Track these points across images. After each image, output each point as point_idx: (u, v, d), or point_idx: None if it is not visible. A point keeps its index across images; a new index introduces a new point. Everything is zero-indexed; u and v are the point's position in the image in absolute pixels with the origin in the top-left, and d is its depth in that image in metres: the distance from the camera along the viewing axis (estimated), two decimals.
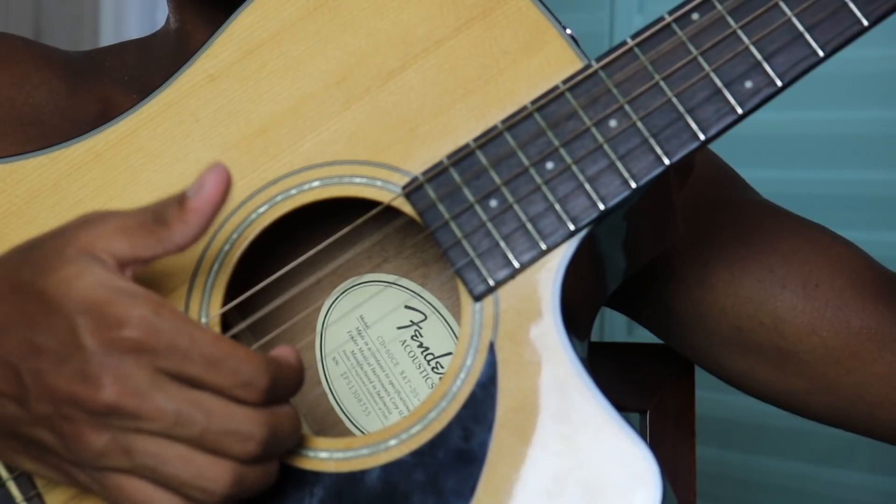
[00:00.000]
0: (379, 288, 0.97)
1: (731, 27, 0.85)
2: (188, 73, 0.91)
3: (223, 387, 0.78)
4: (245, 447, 0.79)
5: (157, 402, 0.78)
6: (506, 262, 0.85)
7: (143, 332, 0.78)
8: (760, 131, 1.76)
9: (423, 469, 0.83)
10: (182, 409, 0.78)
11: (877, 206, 1.77)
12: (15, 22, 2.29)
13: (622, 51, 0.86)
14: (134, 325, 0.78)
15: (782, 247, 1.06)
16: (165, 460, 0.78)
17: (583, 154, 0.85)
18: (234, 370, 0.78)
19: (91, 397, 0.78)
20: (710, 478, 1.64)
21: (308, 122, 0.89)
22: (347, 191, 0.88)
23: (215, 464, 0.78)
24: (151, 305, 0.79)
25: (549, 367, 0.84)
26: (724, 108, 0.84)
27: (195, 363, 0.78)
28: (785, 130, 1.83)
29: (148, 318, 0.78)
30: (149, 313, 0.78)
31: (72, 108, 1.09)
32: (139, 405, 0.77)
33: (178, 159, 0.90)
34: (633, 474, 0.82)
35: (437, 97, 0.88)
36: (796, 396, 1.06)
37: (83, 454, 0.79)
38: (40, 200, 0.90)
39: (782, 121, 1.78)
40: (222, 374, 0.78)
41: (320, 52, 0.90)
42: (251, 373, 0.79)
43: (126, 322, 0.78)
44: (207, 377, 0.78)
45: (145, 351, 0.78)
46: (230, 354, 0.79)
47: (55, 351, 0.78)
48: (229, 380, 0.78)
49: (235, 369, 0.78)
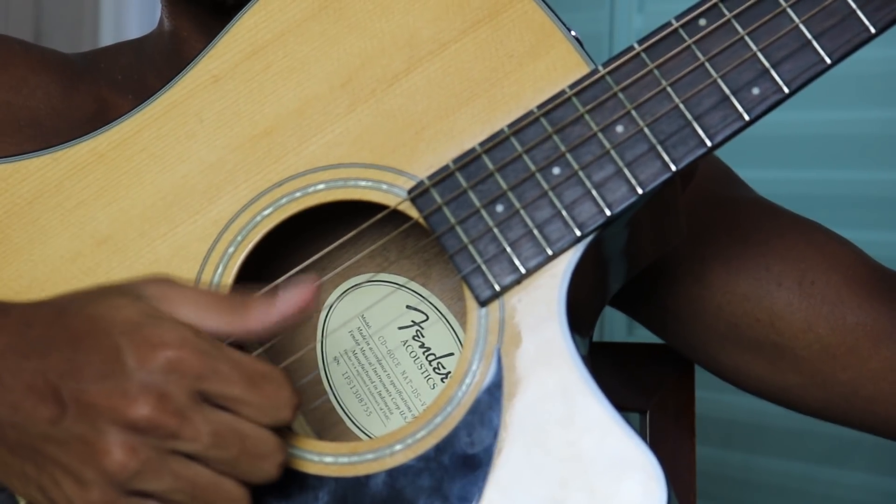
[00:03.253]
0: (381, 289, 0.97)
1: (739, 33, 0.84)
2: (192, 73, 0.90)
3: (264, 406, 0.79)
4: (271, 471, 0.80)
5: (195, 422, 0.78)
6: (512, 268, 0.85)
7: (185, 352, 0.78)
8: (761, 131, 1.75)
9: (428, 474, 0.83)
10: (219, 432, 0.78)
11: (877, 206, 1.77)
12: (15, 23, 2.28)
13: (629, 56, 0.85)
14: (175, 344, 0.78)
15: (778, 244, 1.06)
16: (197, 485, 0.79)
17: (590, 160, 0.85)
18: (276, 391, 0.80)
19: (130, 412, 0.78)
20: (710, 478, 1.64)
21: (313, 124, 0.89)
22: (352, 194, 0.88)
23: (238, 488, 0.80)
24: (191, 329, 0.79)
25: (554, 372, 0.84)
26: (732, 115, 0.84)
27: (236, 384, 0.79)
28: (785, 130, 1.83)
29: (189, 338, 0.79)
30: (189, 333, 0.79)
31: (68, 110, 1.09)
32: (179, 424, 0.78)
33: (182, 160, 0.89)
34: (638, 480, 0.82)
35: (442, 100, 0.88)
36: (792, 392, 1.07)
37: (116, 475, 0.78)
38: (43, 201, 0.90)
39: (783, 121, 1.78)
40: (263, 394, 0.79)
41: (325, 54, 0.89)
42: (290, 392, 0.80)
43: (167, 342, 0.78)
44: (248, 397, 0.79)
45: (187, 371, 0.78)
46: (269, 376, 0.80)
47: (97, 369, 0.79)
48: (271, 400, 0.79)
49: (277, 390, 0.80)
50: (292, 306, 0.82)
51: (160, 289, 0.81)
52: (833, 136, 1.82)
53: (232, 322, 0.81)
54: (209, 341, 0.79)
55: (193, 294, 0.82)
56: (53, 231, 0.90)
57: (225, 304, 0.82)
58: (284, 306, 0.82)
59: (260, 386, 0.79)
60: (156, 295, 0.81)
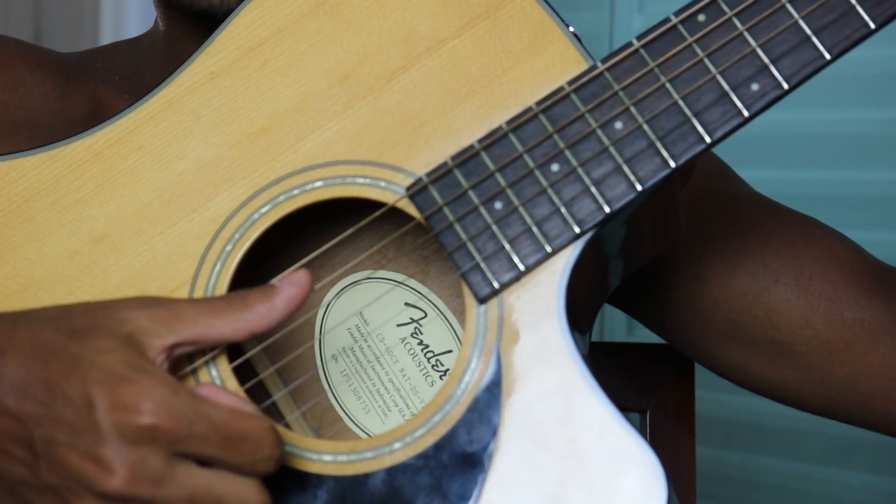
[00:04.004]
0: (379, 286, 0.96)
1: (738, 29, 0.84)
2: (189, 70, 0.90)
3: (244, 464, 0.79)
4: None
5: (169, 489, 0.77)
6: (511, 265, 0.84)
7: (161, 418, 0.77)
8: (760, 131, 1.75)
9: (427, 472, 0.83)
10: (195, 495, 0.78)
11: (877, 206, 1.77)
12: (15, 23, 2.28)
13: (628, 52, 0.85)
14: (151, 411, 0.77)
15: (776, 240, 1.06)
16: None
17: (588, 156, 0.85)
18: (254, 448, 0.79)
19: (103, 483, 0.77)
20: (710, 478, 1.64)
21: (310, 122, 0.88)
22: (350, 191, 0.87)
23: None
24: (169, 387, 0.78)
25: (553, 369, 0.83)
26: (731, 111, 0.84)
27: (213, 444, 0.78)
28: (785, 130, 1.83)
29: (165, 400, 0.77)
30: (167, 395, 0.78)
31: (64, 110, 1.09)
32: (152, 493, 0.77)
33: (179, 158, 0.89)
34: (638, 478, 0.81)
35: (440, 97, 0.87)
36: (790, 388, 1.07)
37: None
38: (39, 199, 0.90)
39: (783, 121, 1.78)
40: (241, 454, 0.79)
41: (322, 51, 0.89)
42: (270, 447, 0.79)
43: (143, 407, 0.77)
44: (226, 456, 0.78)
45: (162, 437, 0.77)
46: (248, 432, 0.79)
47: (70, 422, 0.78)
48: (249, 458, 0.79)
49: (255, 448, 0.79)
50: (292, 301, 0.82)
51: (155, 314, 0.80)
52: (833, 136, 1.82)
53: (235, 329, 0.81)
54: (187, 400, 0.78)
55: (189, 309, 0.81)
56: (50, 229, 0.89)
57: (225, 311, 0.81)
58: (283, 303, 0.81)
59: (237, 446, 0.78)
60: (148, 325, 0.80)
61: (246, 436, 0.79)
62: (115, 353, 0.78)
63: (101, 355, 0.78)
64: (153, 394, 0.77)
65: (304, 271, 0.82)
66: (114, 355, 0.78)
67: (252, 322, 0.81)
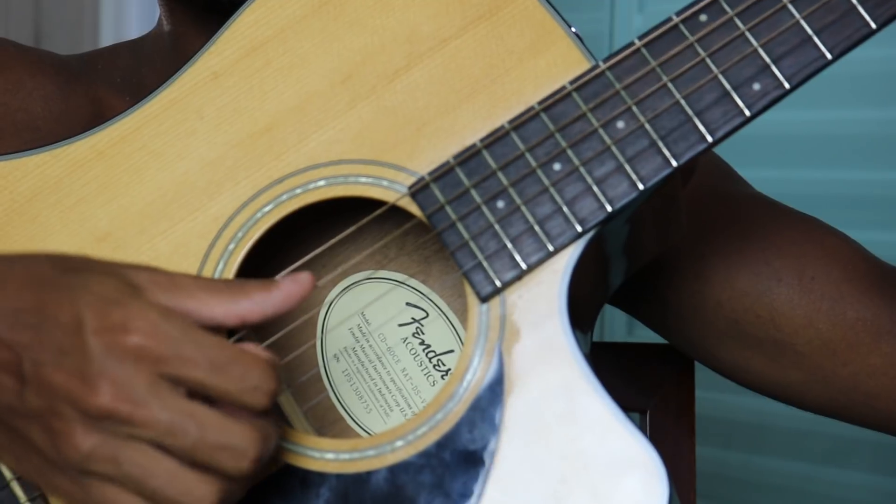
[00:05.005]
0: (380, 285, 0.96)
1: (740, 29, 0.84)
2: (191, 70, 0.90)
3: (229, 391, 0.77)
4: (238, 464, 0.77)
5: (151, 409, 0.76)
6: (513, 264, 0.85)
7: (148, 338, 0.77)
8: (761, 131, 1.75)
9: (429, 470, 0.83)
10: (176, 419, 0.76)
11: (877, 206, 1.78)
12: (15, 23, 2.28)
13: (630, 51, 0.85)
14: (139, 329, 0.77)
15: (778, 240, 1.06)
16: (152, 473, 0.77)
17: (590, 156, 0.85)
18: (242, 375, 0.77)
19: (86, 399, 0.76)
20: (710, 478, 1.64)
21: (313, 121, 0.89)
22: (353, 190, 0.88)
23: (203, 482, 0.77)
24: (159, 310, 0.78)
25: (555, 368, 0.83)
26: (733, 111, 0.84)
27: (200, 368, 0.77)
28: (785, 130, 1.83)
29: (155, 322, 0.77)
30: (156, 317, 0.77)
31: (65, 113, 1.09)
32: (132, 411, 0.76)
33: (182, 157, 0.89)
34: (640, 477, 0.81)
35: (443, 96, 0.88)
36: (793, 388, 1.07)
37: (70, 455, 0.77)
38: (42, 198, 0.90)
39: (783, 121, 1.78)
40: (229, 379, 0.77)
41: (325, 50, 0.89)
42: (259, 377, 0.78)
43: (131, 326, 0.77)
44: (212, 381, 0.77)
45: (148, 357, 0.77)
46: (237, 359, 0.78)
47: (58, 343, 0.77)
48: (237, 384, 0.77)
49: (243, 374, 0.77)
50: (290, 297, 0.81)
51: (154, 276, 0.80)
52: (833, 136, 1.82)
53: (227, 311, 0.80)
54: (177, 325, 0.77)
55: (188, 281, 0.80)
56: (53, 228, 0.89)
57: (222, 292, 0.80)
58: (280, 297, 0.81)
59: (225, 370, 0.77)
60: (148, 282, 0.79)
61: (235, 360, 0.77)
62: (110, 284, 0.78)
63: (95, 284, 0.78)
64: (142, 314, 0.77)
65: (308, 272, 0.82)
66: (108, 285, 0.78)
67: (245, 308, 0.80)
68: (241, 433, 0.77)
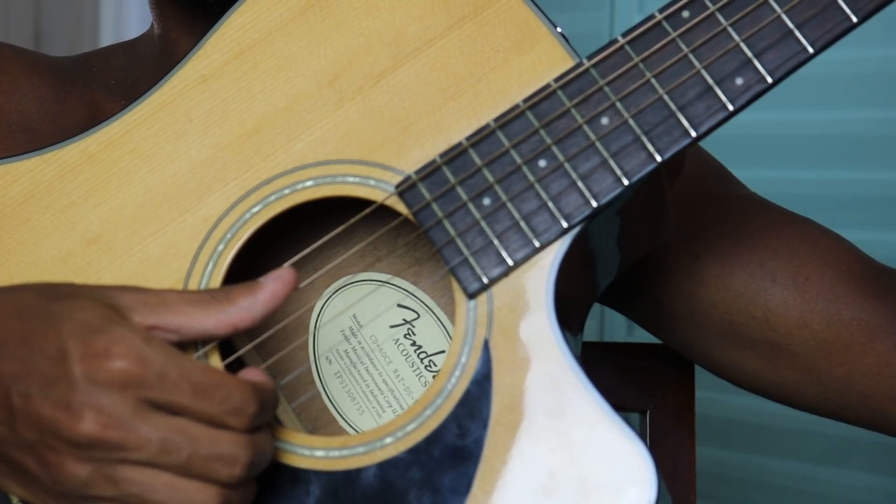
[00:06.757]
0: (372, 287, 0.97)
1: (722, 24, 0.85)
2: (180, 73, 0.91)
3: (212, 415, 0.78)
4: (231, 471, 0.79)
5: (141, 431, 0.77)
6: (499, 260, 0.85)
7: (132, 363, 0.77)
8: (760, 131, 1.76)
9: (419, 466, 0.83)
10: (167, 437, 0.77)
11: (877, 206, 1.77)
12: (15, 23, 2.28)
13: (613, 49, 0.86)
14: (122, 355, 0.77)
15: (772, 241, 1.06)
16: (153, 488, 0.78)
17: (575, 152, 0.85)
18: (224, 398, 0.78)
19: (72, 429, 0.77)
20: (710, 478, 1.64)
21: (301, 122, 0.89)
22: (341, 190, 0.88)
23: (202, 489, 0.78)
24: (141, 336, 0.79)
25: (543, 363, 0.84)
26: (716, 105, 0.84)
27: (184, 392, 0.78)
28: (784, 130, 1.83)
29: (138, 347, 0.78)
30: (138, 342, 0.78)
31: (61, 115, 1.09)
32: (123, 436, 0.77)
33: (172, 159, 0.90)
34: (628, 470, 0.82)
35: (428, 96, 0.88)
36: (788, 388, 1.07)
37: (67, 484, 0.78)
38: (33, 202, 0.90)
39: (781, 121, 1.78)
40: (211, 403, 0.78)
41: (312, 52, 0.90)
42: (240, 399, 0.79)
43: (114, 352, 0.77)
44: (196, 405, 0.78)
45: (132, 383, 0.77)
46: (219, 383, 0.79)
47: (44, 374, 0.78)
48: (219, 408, 0.78)
49: (225, 398, 0.78)
50: (275, 297, 0.82)
51: (141, 296, 0.81)
52: (833, 136, 1.82)
53: (219, 322, 0.81)
54: (160, 349, 0.78)
55: (175, 297, 0.81)
56: (44, 232, 0.90)
57: (208, 304, 0.81)
58: (266, 298, 0.82)
59: (208, 394, 0.78)
60: (135, 303, 0.80)
61: (218, 384, 0.78)
62: (93, 310, 0.79)
63: (79, 311, 0.79)
64: (125, 341, 0.78)
65: (289, 268, 0.83)
66: (91, 312, 0.79)
67: (235, 316, 0.81)
68: (231, 442, 0.79)
